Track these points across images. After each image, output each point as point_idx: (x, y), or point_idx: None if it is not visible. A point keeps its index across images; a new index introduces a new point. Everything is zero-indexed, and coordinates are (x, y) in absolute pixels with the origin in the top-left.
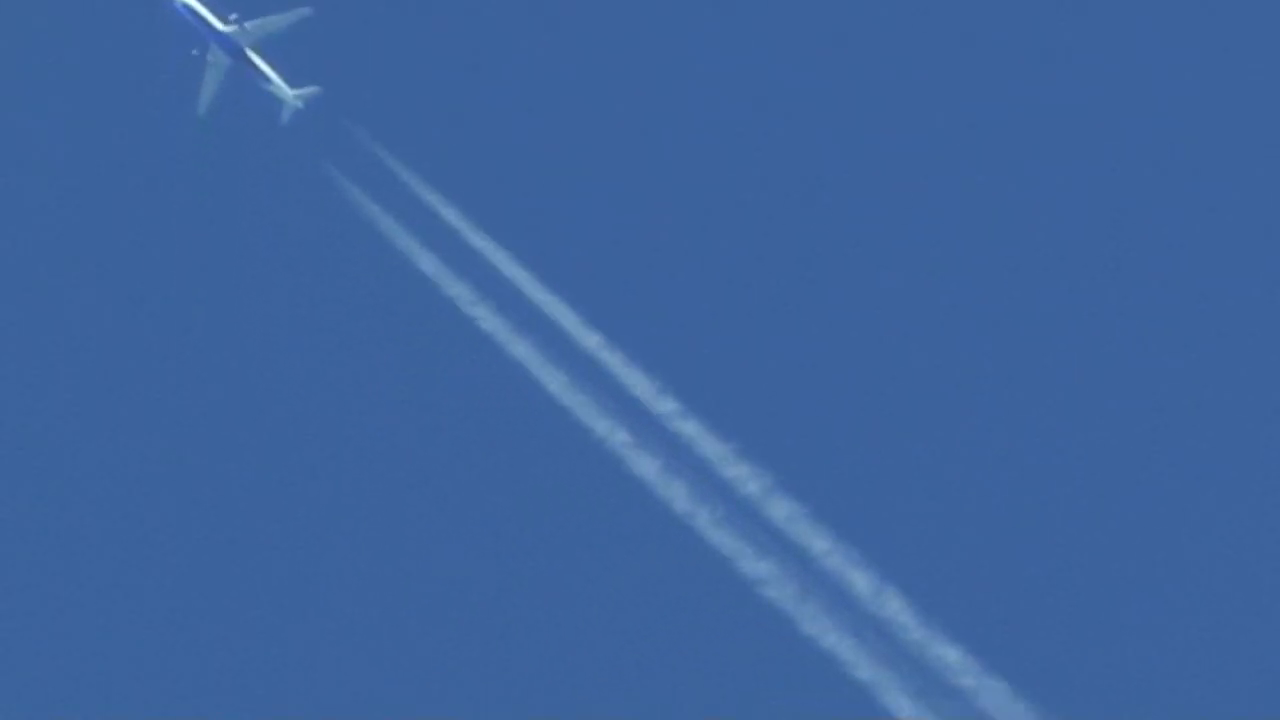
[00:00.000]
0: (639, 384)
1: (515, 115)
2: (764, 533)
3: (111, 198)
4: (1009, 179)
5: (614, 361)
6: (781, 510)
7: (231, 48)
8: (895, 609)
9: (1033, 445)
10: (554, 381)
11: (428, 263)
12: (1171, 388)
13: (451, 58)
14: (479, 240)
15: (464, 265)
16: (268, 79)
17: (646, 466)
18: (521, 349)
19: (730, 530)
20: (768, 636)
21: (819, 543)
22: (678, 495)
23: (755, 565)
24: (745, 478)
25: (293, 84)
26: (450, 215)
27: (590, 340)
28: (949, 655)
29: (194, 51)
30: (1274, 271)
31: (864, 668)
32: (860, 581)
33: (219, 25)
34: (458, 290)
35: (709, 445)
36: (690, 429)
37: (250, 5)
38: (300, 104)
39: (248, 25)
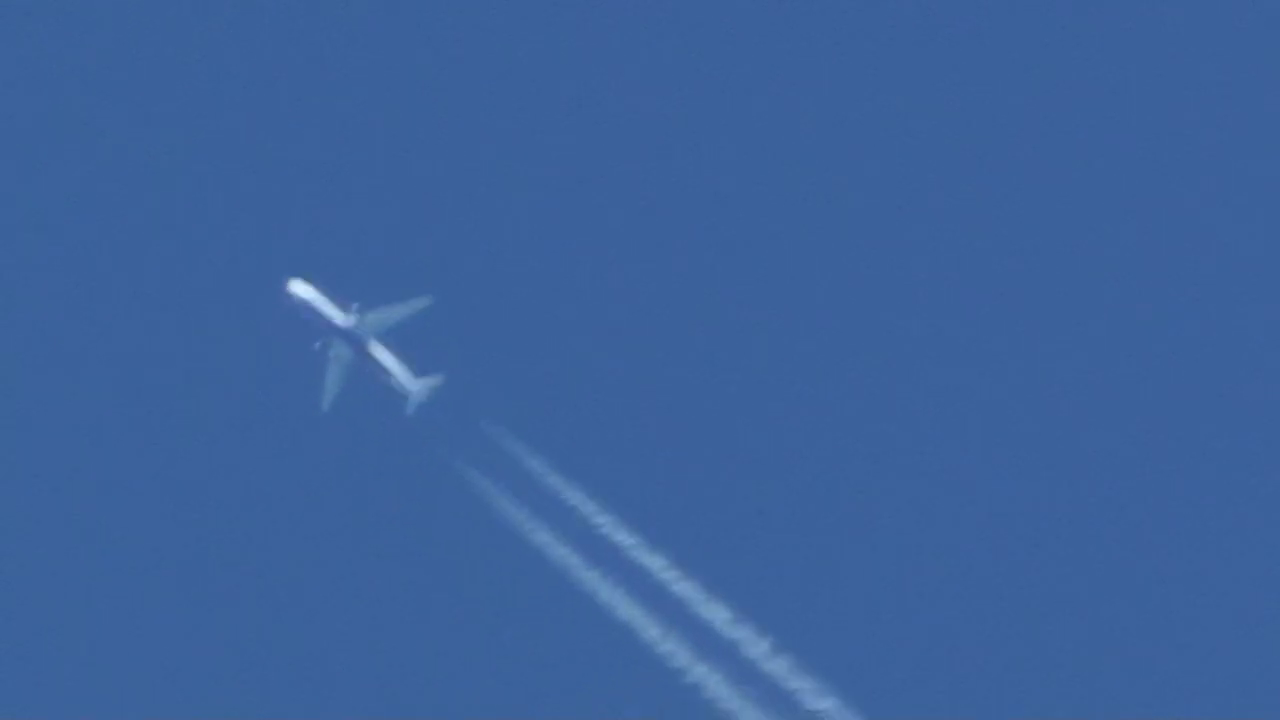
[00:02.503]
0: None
1: (642, 395)
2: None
3: (235, 497)
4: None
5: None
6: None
7: (353, 340)
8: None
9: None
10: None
11: (562, 553)
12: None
13: (573, 340)
14: (616, 531)
15: (595, 552)
16: (390, 371)
17: None
18: (671, 645)
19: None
20: None
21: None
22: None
23: None
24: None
25: (416, 374)
26: (578, 500)
27: (758, 647)
28: None
29: (315, 345)
30: (1274, 272)
31: None
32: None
33: (339, 318)
34: (589, 577)
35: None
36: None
37: (369, 296)
38: (424, 395)
39: (368, 317)
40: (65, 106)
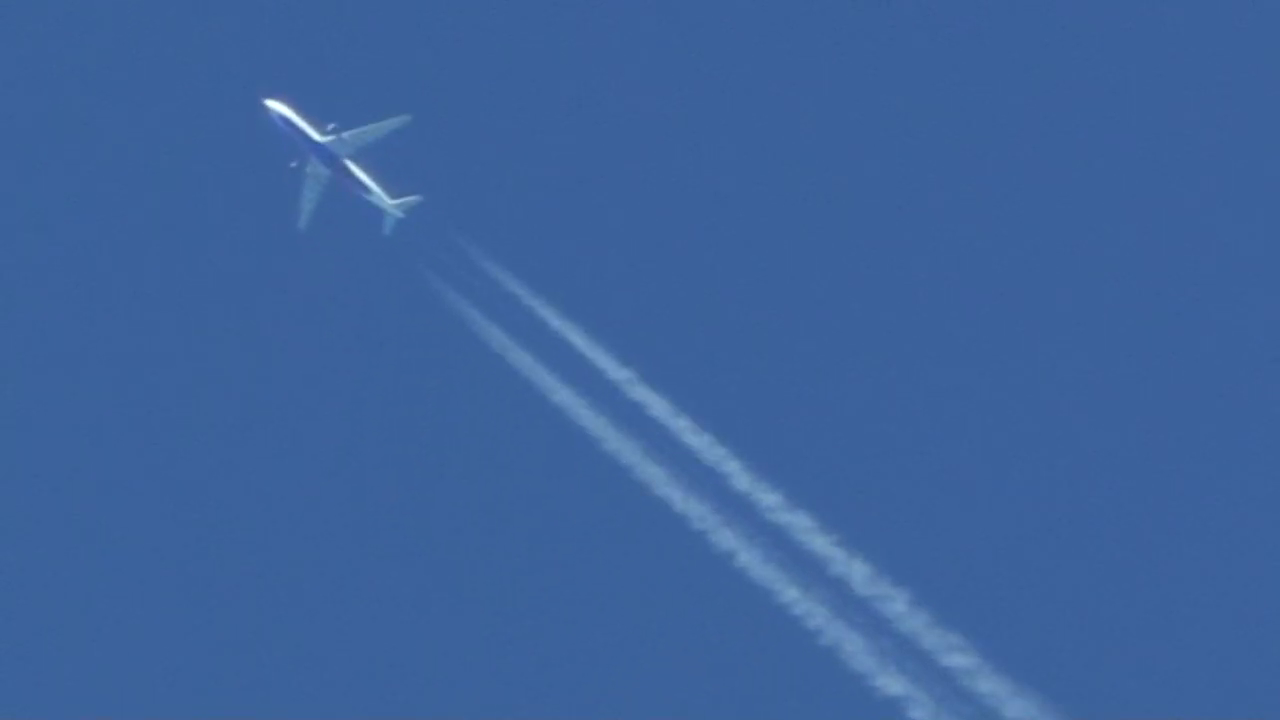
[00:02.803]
0: (768, 497)
1: (618, 217)
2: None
3: (216, 317)
4: (1006, 183)
5: (724, 458)
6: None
7: (330, 158)
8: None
9: (1039, 450)
10: (673, 492)
11: (534, 370)
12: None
13: (552, 162)
14: (586, 345)
15: (572, 371)
16: (368, 189)
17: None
18: (636, 459)
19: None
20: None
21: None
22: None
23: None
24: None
25: (393, 193)
26: (553, 318)
27: (712, 452)
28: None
29: (292, 164)
30: (1274, 272)
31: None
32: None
33: (317, 136)
34: (563, 397)
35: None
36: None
37: (348, 115)
38: (401, 213)
39: (346, 135)
40: None
